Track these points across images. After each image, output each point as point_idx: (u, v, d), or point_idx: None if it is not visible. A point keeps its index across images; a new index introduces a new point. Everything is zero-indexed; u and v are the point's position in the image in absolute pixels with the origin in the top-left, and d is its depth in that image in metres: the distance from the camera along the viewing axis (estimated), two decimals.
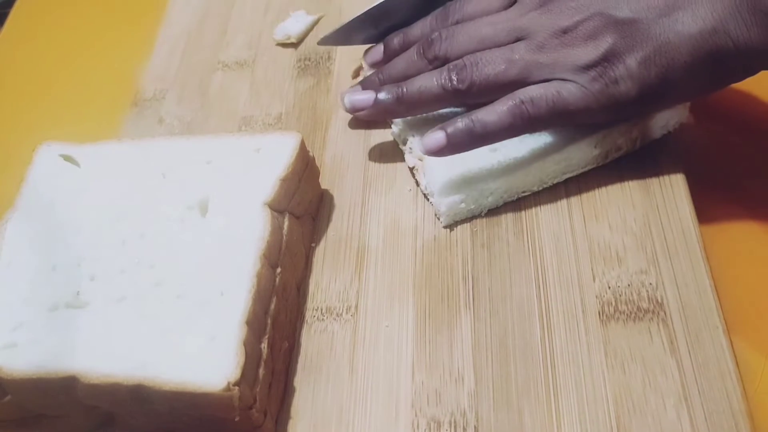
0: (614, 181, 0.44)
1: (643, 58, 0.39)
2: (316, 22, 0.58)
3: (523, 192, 0.44)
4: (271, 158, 0.43)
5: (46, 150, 0.46)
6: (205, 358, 0.36)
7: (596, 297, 0.39)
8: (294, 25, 0.57)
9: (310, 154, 0.45)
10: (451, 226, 0.44)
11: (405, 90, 0.44)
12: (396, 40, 0.49)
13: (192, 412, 0.36)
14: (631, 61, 0.39)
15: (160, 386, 0.35)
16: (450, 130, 0.42)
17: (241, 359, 0.35)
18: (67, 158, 0.46)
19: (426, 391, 0.38)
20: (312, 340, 0.41)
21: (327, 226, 0.46)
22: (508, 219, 0.44)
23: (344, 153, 0.49)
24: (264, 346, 0.38)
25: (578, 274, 0.40)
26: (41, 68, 0.63)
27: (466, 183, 0.43)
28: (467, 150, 0.43)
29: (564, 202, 0.44)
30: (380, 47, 0.50)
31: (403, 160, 0.47)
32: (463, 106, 0.45)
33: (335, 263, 0.44)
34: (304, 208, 0.45)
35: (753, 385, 0.36)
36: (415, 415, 0.38)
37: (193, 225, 0.42)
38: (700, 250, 0.40)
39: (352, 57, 0.54)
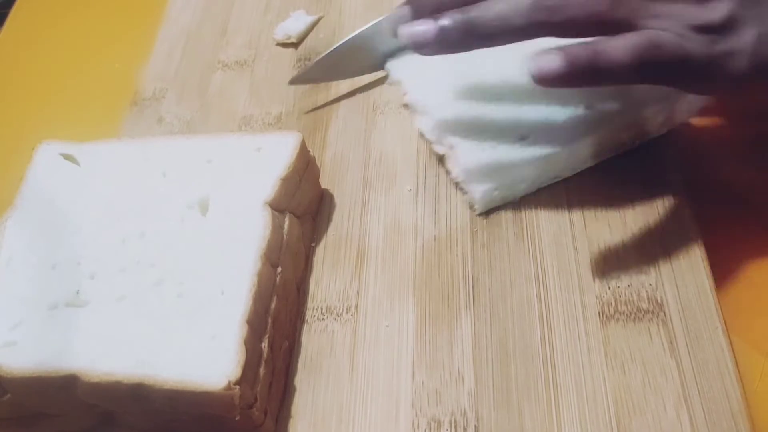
0: (614, 181, 0.44)
1: (762, 33, 0.36)
2: (316, 22, 0.58)
3: (556, 178, 0.44)
4: (271, 158, 0.43)
5: (46, 149, 0.46)
6: (205, 356, 0.36)
7: (596, 297, 0.39)
8: (294, 24, 0.57)
9: (311, 153, 0.45)
10: (480, 215, 0.44)
11: (479, 16, 0.37)
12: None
13: (192, 410, 0.36)
14: (749, 35, 0.36)
15: (161, 385, 0.35)
16: (569, 57, 0.36)
17: (242, 358, 0.35)
18: (67, 157, 0.46)
19: (426, 391, 0.38)
20: (312, 339, 0.41)
21: (327, 225, 0.46)
22: (508, 219, 0.44)
23: (344, 153, 0.49)
24: (264, 345, 0.38)
25: (578, 274, 0.41)
26: (41, 68, 0.63)
27: (497, 171, 0.43)
28: (581, 86, 0.37)
29: (564, 202, 0.44)
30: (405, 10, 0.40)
31: (403, 159, 0.47)
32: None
33: (335, 263, 0.44)
34: (304, 208, 0.45)
35: (752, 385, 0.36)
36: (416, 415, 0.38)
37: (193, 224, 0.42)
38: (699, 251, 0.40)
39: None
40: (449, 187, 0.46)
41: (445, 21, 0.37)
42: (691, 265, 0.39)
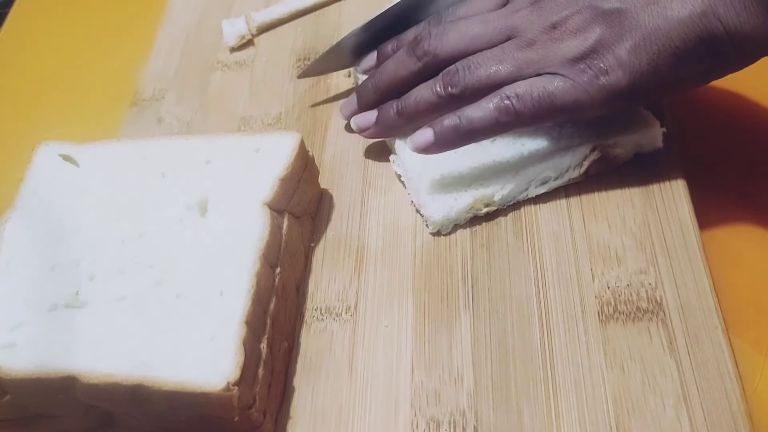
0: (614, 181, 0.44)
1: (633, 46, 0.38)
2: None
3: (514, 200, 0.44)
4: (270, 158, 0.43)
5: (46, 150, 0.46)
6: (204, 358, 0.36)
7: (595, 297, 0.39)
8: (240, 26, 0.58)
9: (310, 153, 0.45)
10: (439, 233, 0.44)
11: (403, 104, 0.45)
12: (390, 46, 0.49)
13: (191, 411, 0.36)
14: (621, 51, 0.39)
15: (160, 386, 0.35)
16: (437, 127, 0.42)
17: (241, 359, 0.35)
18: (67, 158, 0.46)
19: (425, 391, 0.38)
20: (311, 339, 0.41)
21: (326, 226, 0.46)
22: (507, 219, 0.44)
23: (344, 153, 0.49)
24: (263, 345, 0.38)
25: (577, 274, 0.40)
26: (41, 68, 0.63)
27: (448, 192, 0.44)
28: (455, 147, 0.43)
29: (563, 202, 0.44)
30: (374, 54, 0.50)
31: None
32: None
33: (334, 263, 0.44)
34: (303, 208, 0.45)
35: (752, 385, 0.36)
36: (415, 415, 0.38)
37: (192, 225, 0.42)
38: (699, 250, 0.40)
39: None
40: None
41: (382, 111, 0.47)
42: (691, 265, 0.39)
